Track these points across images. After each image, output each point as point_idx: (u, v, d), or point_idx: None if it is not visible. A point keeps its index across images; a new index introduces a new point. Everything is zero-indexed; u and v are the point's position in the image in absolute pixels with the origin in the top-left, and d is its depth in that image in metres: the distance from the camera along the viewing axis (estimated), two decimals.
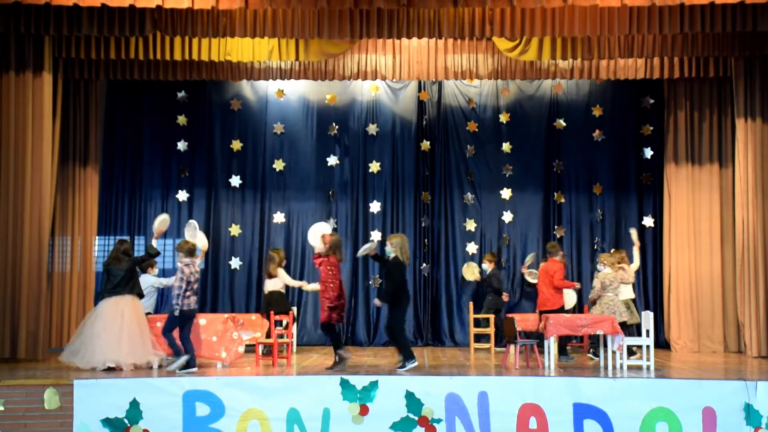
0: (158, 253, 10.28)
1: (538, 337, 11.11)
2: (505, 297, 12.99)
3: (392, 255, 10.05)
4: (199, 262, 10.27)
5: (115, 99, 13.76)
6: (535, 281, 12.74)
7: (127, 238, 13.08)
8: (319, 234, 10.42)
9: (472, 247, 13.98)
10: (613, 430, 8.57)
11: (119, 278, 9.76)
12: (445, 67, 12.53)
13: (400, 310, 10.02)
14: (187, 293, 9.67)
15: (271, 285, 12.01)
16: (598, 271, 11.13)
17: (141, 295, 10.06)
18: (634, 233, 12.62)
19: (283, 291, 12.22)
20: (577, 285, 12.73)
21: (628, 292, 11.77)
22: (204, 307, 13.55)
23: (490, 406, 8.64)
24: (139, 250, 13.61)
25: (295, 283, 12.42)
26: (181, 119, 13.99)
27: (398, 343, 9.93)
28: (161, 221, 10.48)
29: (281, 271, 12.12)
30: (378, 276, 13.89)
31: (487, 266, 13.18)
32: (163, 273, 13.44)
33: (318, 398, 8.67)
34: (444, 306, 13.99)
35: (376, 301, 10.28)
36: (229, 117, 14.14)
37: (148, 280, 11.15)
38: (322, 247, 10.07)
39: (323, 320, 9.95)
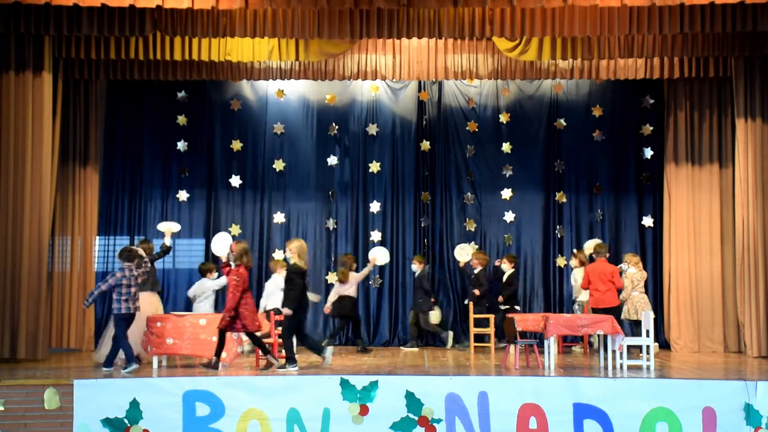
0: (170, 249, 10.87)
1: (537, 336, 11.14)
2: (476, 292, 12.87)
3: (291, 261, 10.09)
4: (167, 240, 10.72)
5: (115, 99, 13.76)
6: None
7: (143, 238, 13.01)
8: (225, 244, 10.37)
9: (471, 247, 13.96)
10: (613, 430, 8.57)
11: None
12: (445, 67, 12.52)
13: (296, 318, 9.98)
14: (123, 297, 9.70)
15: (342, 290, 12.64)
16: (624, 271, 11.90)
17: (160, 292, 11.37)
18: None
19: (355, 296, 12.78)
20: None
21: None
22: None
23: (490, 406, 8.64)
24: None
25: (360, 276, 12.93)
26: (181, 119, 13.99)
27: (284, 345, 9.90)
28: (171, 226, 11.00)
29: (354, 275, 12.74)
30: (378, 276, 13.90)
31: (417, 267, 13.09)
32: (164, 273, 13.48)
33: (318, 398, 8.67)
34: (444, 306, 13.98)
35: (285, 310, 10.03)
36: (229, 117, 14.14)
37: (207, 284, 12.34)
38: (230, 256, 9.91)
39: (219, 326, 9.65)
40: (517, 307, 12.91)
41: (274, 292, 12.20)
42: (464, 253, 13.26)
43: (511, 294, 12.89)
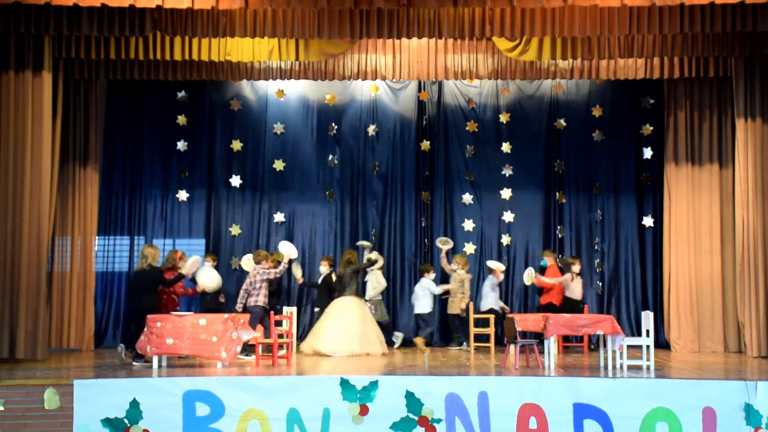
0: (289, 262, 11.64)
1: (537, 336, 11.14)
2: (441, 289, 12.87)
3: (145, 264, 10.83)
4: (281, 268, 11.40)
5: (115, 99, 13.75)
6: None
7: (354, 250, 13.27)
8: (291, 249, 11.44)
9: (471, 248, 13.98)
10: (613, 430, 8.57)
11: (346, 283, 12.20)
12: (445, 67, 12.53)
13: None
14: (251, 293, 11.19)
15: None
16: (454, 271, 12.91)
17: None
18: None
19: None
20: None
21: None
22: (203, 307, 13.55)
23: (490, 406, 8.64)
24: (138, 251, 13.63)
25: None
26: (181, 119, 13.99)
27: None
28: (193, 262, 11.24)
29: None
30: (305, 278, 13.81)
31: (326, 269, 12.96)
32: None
33: (318, 398, 8.67)
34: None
35: None
36: (229, 117, 14.14)
37: (426, 284, 13.02)
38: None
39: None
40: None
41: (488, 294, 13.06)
42: (528, 277, 12.97)
43: None
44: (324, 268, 13.02)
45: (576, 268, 12.84)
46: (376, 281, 12.88)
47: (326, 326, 11.99)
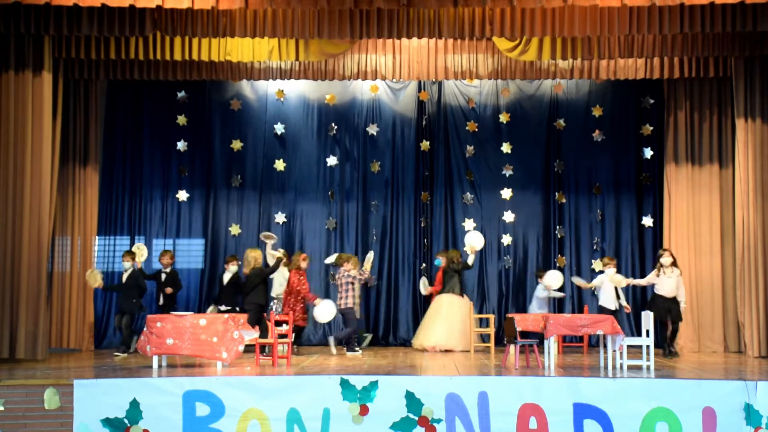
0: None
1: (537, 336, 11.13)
2: (311, 299, 12.33)
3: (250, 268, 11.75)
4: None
5: (115, 99, 13.77)
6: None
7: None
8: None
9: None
10: (613, 430, 8.56)
11: (446, 281, 12.76)
12: (445, 67, 12.53)
13: None
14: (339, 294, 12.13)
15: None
16: None
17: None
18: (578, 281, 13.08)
19: None
20: None
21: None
22: (203, 307, 13.55)
23: (490, 406, 8.63)
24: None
25: None
26: (181, 119, 13.99)
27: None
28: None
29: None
30: (375, 277, 13.88)
31: (235, 267, 12.59)
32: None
33: (318, 398, 8.67)
34: None
35: None
36: (229, 117, 14.15)
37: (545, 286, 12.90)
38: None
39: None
40: None
41: None
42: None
43: None
44: (233, 267, 12.52)
45: (610, 271, 12.32)
46: (282, 278, 12.60)
47: (432, 323, 12.55)
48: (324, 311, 11.94)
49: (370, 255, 12.79)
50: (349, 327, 12.14)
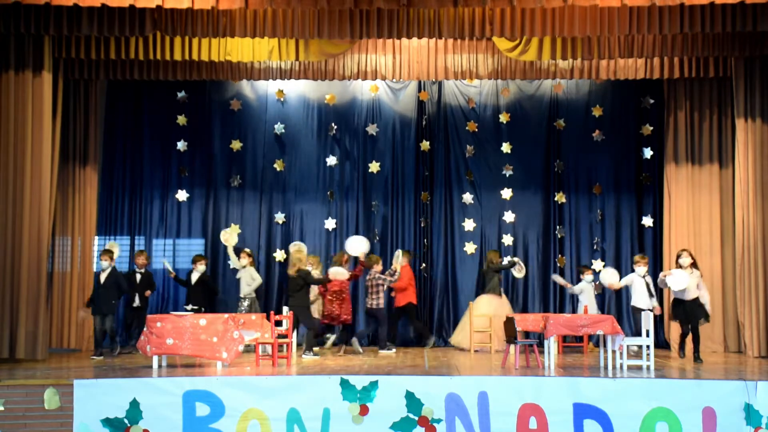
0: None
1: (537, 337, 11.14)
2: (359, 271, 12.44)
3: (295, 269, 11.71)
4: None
5: (115, 99, 13.77)
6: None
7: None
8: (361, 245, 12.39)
9: (470, 247, 13.98)
10: (613, 430, 8.56)
11: (487, 281, 12.98)
12: (445, 67, 12.53)
13: None
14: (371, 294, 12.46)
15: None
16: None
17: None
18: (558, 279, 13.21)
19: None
20: None
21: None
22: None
23: (490, 406, 8.63)
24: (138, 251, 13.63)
25: None
26: (181, 119, 14.00)
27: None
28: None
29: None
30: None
31: (203, 267, 12.73)
32: (163, 273, 13.46)
33: (318, 398, 8.67)
34: (442, 306, 13.98)
35: None
36: (229, 117, 14.15)
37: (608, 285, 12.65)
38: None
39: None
40: None
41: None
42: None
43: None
44: (201, 267, 12.54)
45: (641, 270, 11.96)
46: (250, 278, 12.57)
47: (472, 323, 12.59)
48: (357, 244, 12.40)
49: (399, 253, 12.89)
50: (381, 327, 12.49)
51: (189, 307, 12.02)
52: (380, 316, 12.50)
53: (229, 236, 12.84)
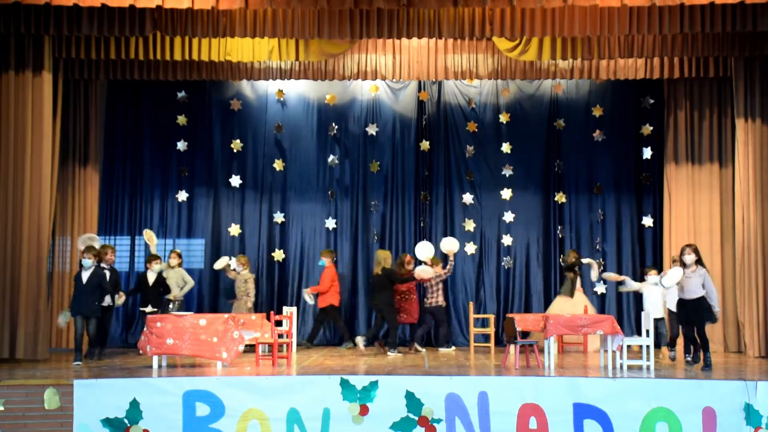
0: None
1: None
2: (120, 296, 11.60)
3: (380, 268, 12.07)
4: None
5: (115, 99, 13.77)
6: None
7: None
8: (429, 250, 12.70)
9: (470, 248, 13.98)
10: (613, 430, 8.56)
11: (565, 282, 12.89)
12: (445, 67, 12.53)
13: None
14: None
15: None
16: None
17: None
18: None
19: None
20: None
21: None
22: (203, 307, 13.56)
23: (490, 406, 8.64)
24: (138, 251, 13.62)
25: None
26: (181, 119, 13.99)
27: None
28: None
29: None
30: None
31: (159, 267, 12.27)
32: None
33: (318, 398, 8.67)
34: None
35: None
36: (229, 117, 14.15)
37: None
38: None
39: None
40: None
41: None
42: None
43: None
44: (157, 266, 12.10)
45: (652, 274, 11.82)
46: (181, 280, 12.33)
47: None
48: (426, 249, 12.72)
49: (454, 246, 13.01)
50: (441, 325, 12.68)
51: (148, 309, 11.61)
52: (439, 314, 12.61)
53: (150, 237, 12.57)
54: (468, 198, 14.08)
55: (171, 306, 12.16)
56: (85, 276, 10.69)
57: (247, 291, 12.72)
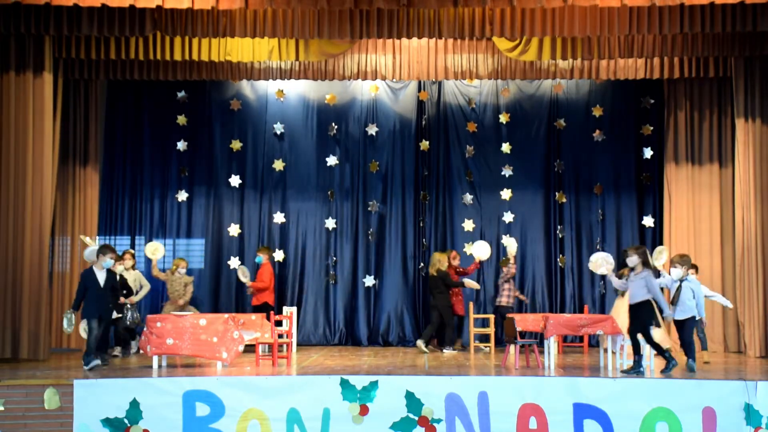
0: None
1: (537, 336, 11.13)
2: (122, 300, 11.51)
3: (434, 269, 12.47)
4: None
5: (115, 99, 13.77)
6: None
7: None
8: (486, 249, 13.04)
9: (470, 248, 13.96)
10: (613, 430, 8.57)
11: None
12: (445, 67, 12.53)
13: None
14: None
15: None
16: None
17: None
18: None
19: None
20: None
21: None
22: (204, 307, 13.55)
23: (490, 406, 8.64)
24: (140, 251, 13.62)
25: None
26: (181, 119, 14.00)
27: None
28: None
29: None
30: (373, 276, 13.90)
31: (130, 264, 12.10)
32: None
33: (318, 398, 8.67)
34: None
35: None
36: (229, 117, 14.15)
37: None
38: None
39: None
40: None
41: None
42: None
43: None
44: (120, 267, 11.40)
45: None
46: (137, 283, 11.98)
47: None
48: (485, 249, 13.11)
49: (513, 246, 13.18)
50: (499, 325, 12.73)
51: (114, 315, 10.94)
52: (505, 313, 12.41)
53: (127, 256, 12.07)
54: (468, 198, 14.08)
55: (128, 312, 11.51)
56: (101, 277, 10.09)
57: (184, 293, 12.30)
